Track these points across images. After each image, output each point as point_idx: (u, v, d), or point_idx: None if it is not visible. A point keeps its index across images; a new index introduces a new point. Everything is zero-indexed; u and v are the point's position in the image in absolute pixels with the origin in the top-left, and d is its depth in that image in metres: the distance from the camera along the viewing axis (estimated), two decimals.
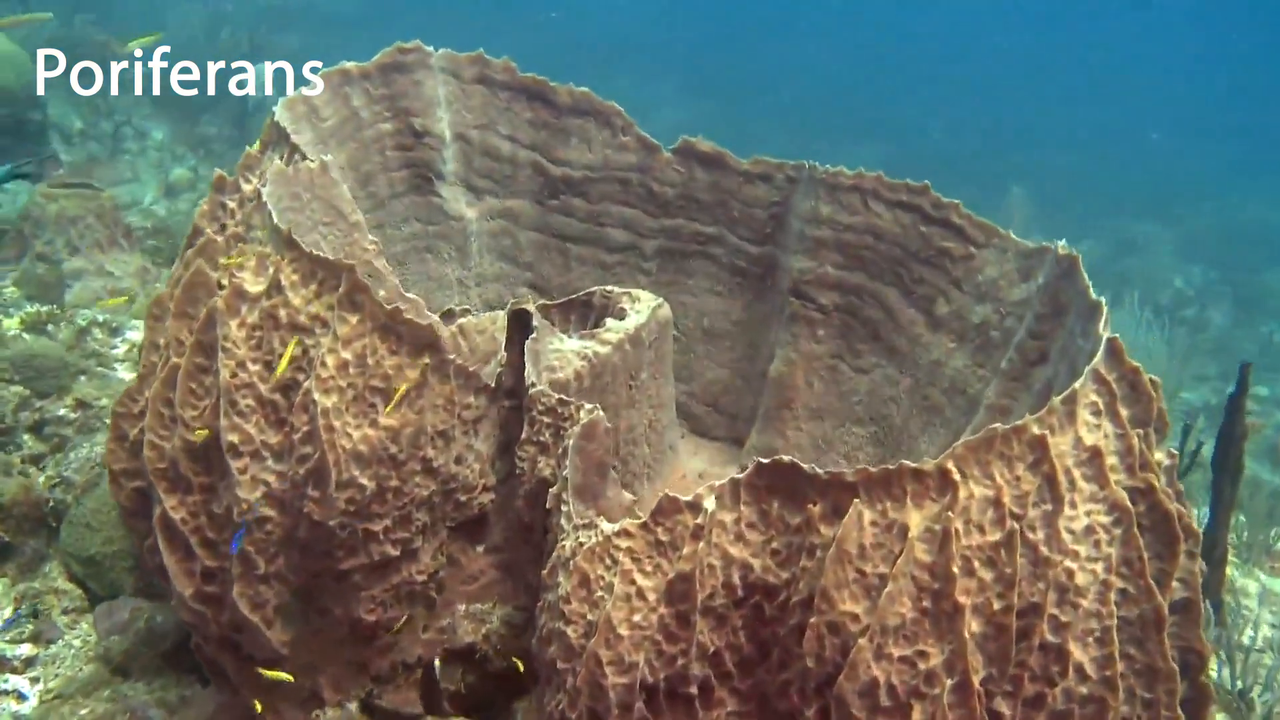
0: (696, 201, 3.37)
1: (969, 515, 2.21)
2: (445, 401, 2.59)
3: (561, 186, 3.37)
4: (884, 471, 2.20)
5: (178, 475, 2.55)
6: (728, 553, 2.30)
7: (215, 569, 2.60)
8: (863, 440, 3.20)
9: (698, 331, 3.46)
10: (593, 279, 3.43)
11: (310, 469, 2.47)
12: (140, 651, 3.13)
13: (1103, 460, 2.27)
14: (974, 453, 2.22)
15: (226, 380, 2.47)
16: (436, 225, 3.36)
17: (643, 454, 3.18)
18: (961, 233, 3.03)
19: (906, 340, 3.11)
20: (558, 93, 3.32)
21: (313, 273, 2.48)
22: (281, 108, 2.96)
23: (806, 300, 3.23)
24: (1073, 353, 2.53)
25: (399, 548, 2.61)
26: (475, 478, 2.73)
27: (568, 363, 2.94)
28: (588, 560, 2.38)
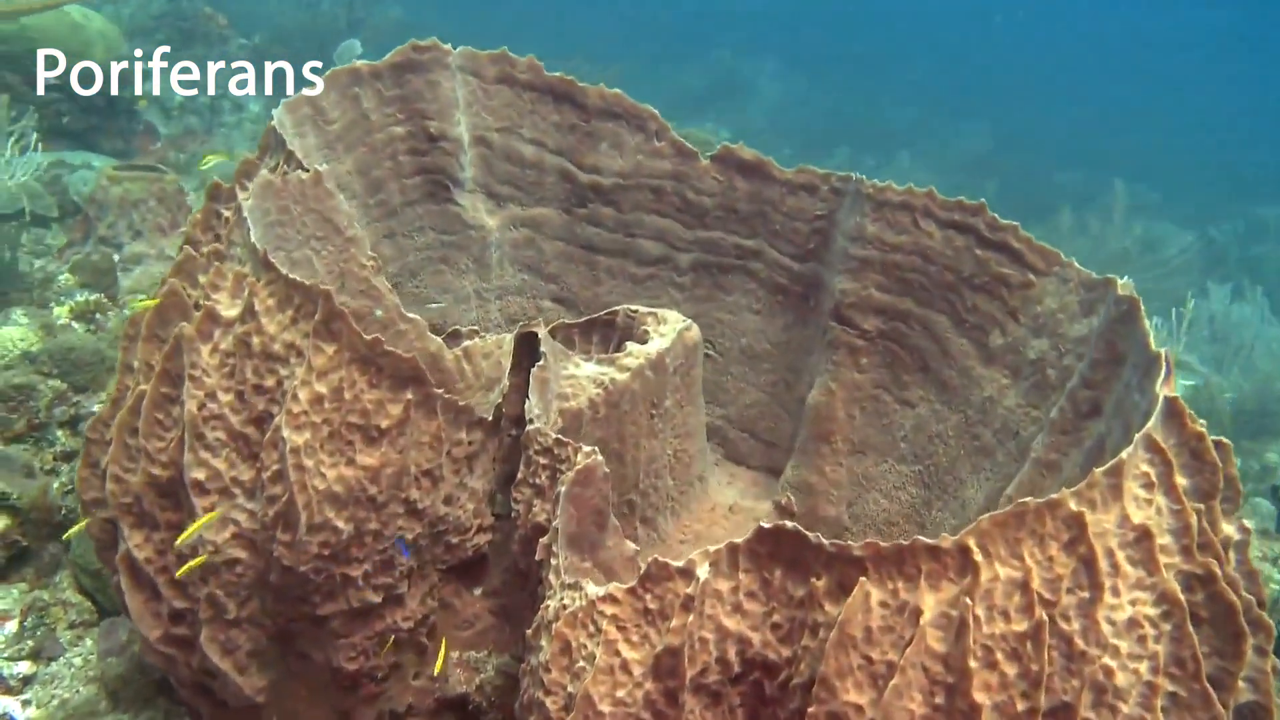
0: (735, 212, 3.11)
1: (992, 600, 1.95)
2: (431, 439, 2.38)
3: (590, 194, 3.13)
4: (895, 547, 1.94)
5: (143, 511, 2.38)
6: (723, 625, 2.07)
7: (184, 610, 2.43)
8: (906, 479, 2.93)
9: (734, 351, 3.21)
10: (622, 293, 3.19)
11: (279, 511, 2.28)
12: (134, 677, 2.99)
13: (1152, 542, 1.98)
14: (1001, 529, 1.95)
15: (193, 412, 2.29)
16: (453, 235, 3.14)
17: (666, 486, 2.95)
18: (1020, 258, 2.73)
19: (956, 373, 2.83)
20: (587, 94, 3.07)
21: (289, 297, 2.29)
22: (283, 110, 2.77)
23: (848, 325, 2.96)
24: (1128, 410, 2.24)
25: (381, 594, 2.42)
26: (469, 518, 2.52)
27: (582, 390, 2.72)
28: (569, 626, 2.17)
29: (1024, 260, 2.72)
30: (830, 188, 3.00)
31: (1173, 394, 2.09)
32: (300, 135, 2.80)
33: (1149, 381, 2.14)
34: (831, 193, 3.00)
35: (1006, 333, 2.74)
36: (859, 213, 2.89)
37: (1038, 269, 2.71)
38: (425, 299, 3.15)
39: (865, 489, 2.98)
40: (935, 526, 2.85)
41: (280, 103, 2.75)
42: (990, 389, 2.75)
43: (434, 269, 3.16)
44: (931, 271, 2.85)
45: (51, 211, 6.80)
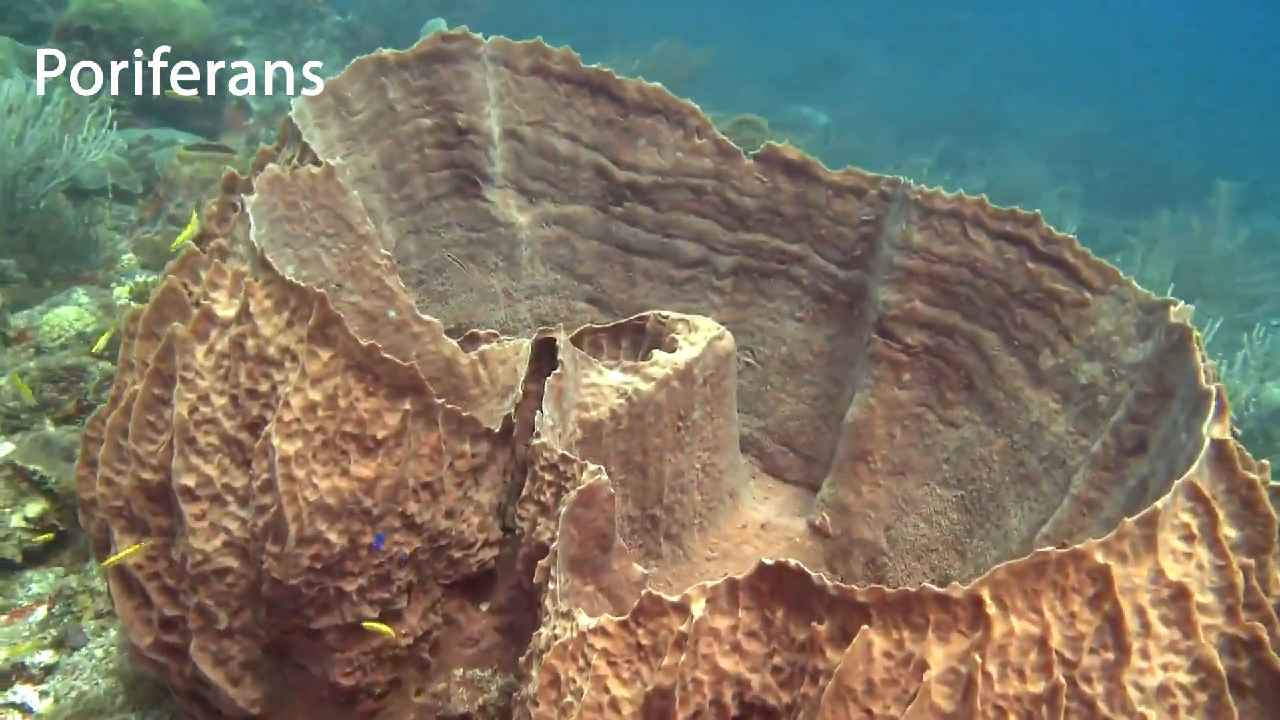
0: (779, 215, 2.95)
1: (1006, 656, 1.79)
2: (431, 451, 2.27)
3: (627, 192, 2.99)
4: (902, 595, 1.79)
5: (133, 516, 2.31)
6: (719, 666, 1.93)
7: (175, 618, 2.35)
8: (948, 504, 2.76)
9: (775, 360, 3.05)
10: (659, 296, 3.05)
11: (268, 521, 2.19)
12: (148, 675, 2.93)
13: (1189, 601, 1.80)
14: (1018, 580, 1.79)
15: (183, 416, 2.20)
16: (481, 231, 3.03)
17: (693, 502, 2.81)
18: (1075, 274, 2.54)
19: (1004, 394, 2.65)
20: (625, 87, 2.93)
21: (285, 299, 2.19)
22: (304, 100, 2.68)
23: (891, 339, 2.78)
24: (1173, 450, 2.05)
25: (377, 609, 2.32)
26: (474, 532, 2.41)
27: (604, 400, 2.60)
28: (559, 657, 2.05)
29: (1079, 276, 2.53)
30: (879, 191, 2.83)
31: (1223, 436, 1.90)
32: (322, 126, 2.70)
33: (1197, 421, 1.96)
34: (879, 197, 2.83)
35: (1058, 353, 2.55)
36: (905, 219, 2.72)
37: (1093, 286, 2.52)
38: (451, 297, 3.04)
39: (905, 512, 2.81)
40: (976, 556, 2.68)
41: (302, 93, 2.66)
42: (1038, 413, 2.57)
43: (461, 266, 3.04)
44: (980, 285, 2.67)
45: (136, 188, 6.86)
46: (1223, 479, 1.90)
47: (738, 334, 3.06)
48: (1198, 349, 2.09)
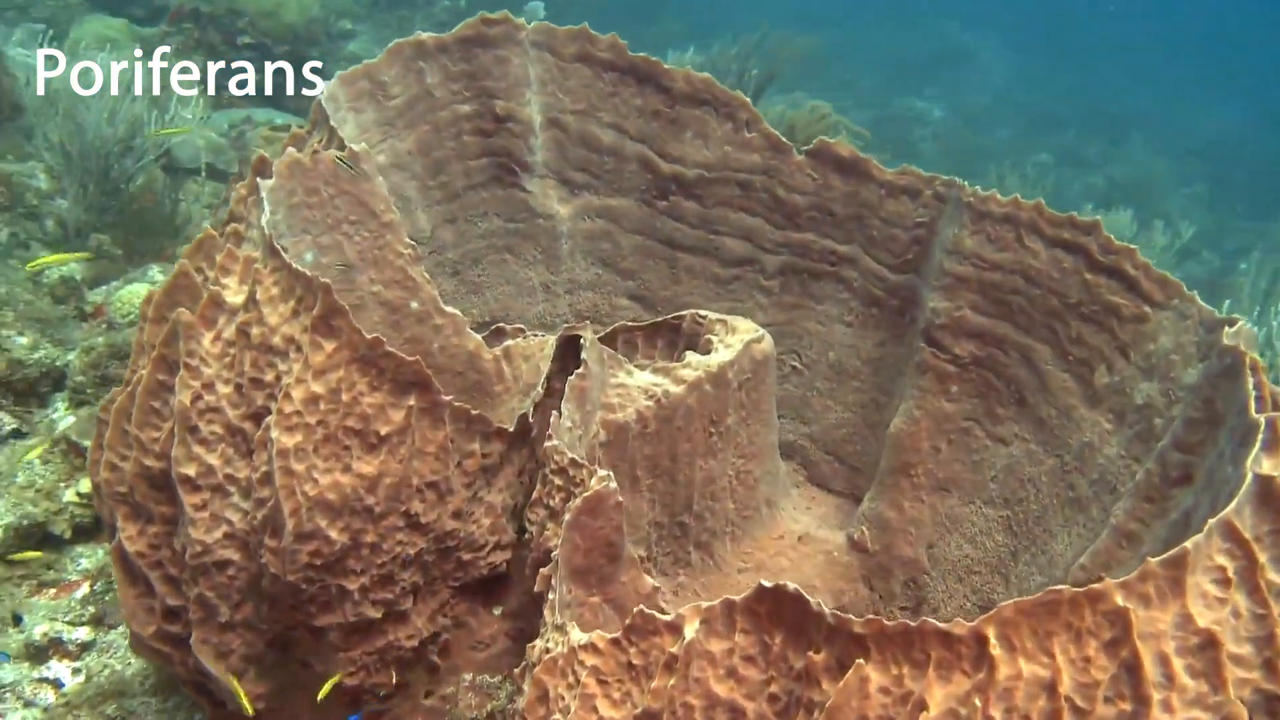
0: (831, 214, 2.82)
1: (1011, 701, 1.66)
2: (438, 449, 2.19)
3: (672, 186, 2.89)
4: (902, 628, 1.67)
5: (136, 503, 2.27)
6: (712, 691, 1.83)
7: (178, 607, 2.32)
8: (993, 525, 2.61)
9: (822, 365, 2.92)
10: (704, 294, 2.94)
11: (266, 515, 2.13)
12: None
13: (1220, 651, 1.65)
14: (1028, 619, 1.66)
15: (185, 403, 2.16)
16: (520, 222, 2.94)
17: (726, 510, 2.70)
18: (1135, 287, 2.38)
19: (1056, 411, 2.49)
20: (673, 77, 2.82)
21: (292, 288, 2.13)
22: (338, 83, 2.62)
23: (939, 349, 2.64)
24: (1218, 484, 1.89)
25: (380, 609, 2.25)
26: (484, 534, 2.33)
27: (631, 401, 2.51)
28: (548, 672, 1.96)
29: (1139, 289, 2.37)
30: (933, 192, 2.69)
31: (1271, 472, 1.74)
32: (357, 110, 2.64)
33: (1243, 453, 1.80)
34: (934, 198, 2.68)
35: (1114, 370, 2.39)
36: (958, 223, 2.57)
37: (1154, 300, 2.35)
38: (487, 289, 2.96)
39: (948, 530, 2.67)
40: (1020, 581, 2.53)
41: (336, 74, 2.60)
42: (1091, 433, 2.41)
43: (498, 258, 2.97)
44: (1034, 295, 2.51)
45: (232, 167, 6.93)
46: (1268, 519, 1.74)
47: (784, 337, 2.94)
48: (1252, 374, 1.93)
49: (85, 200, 5.67)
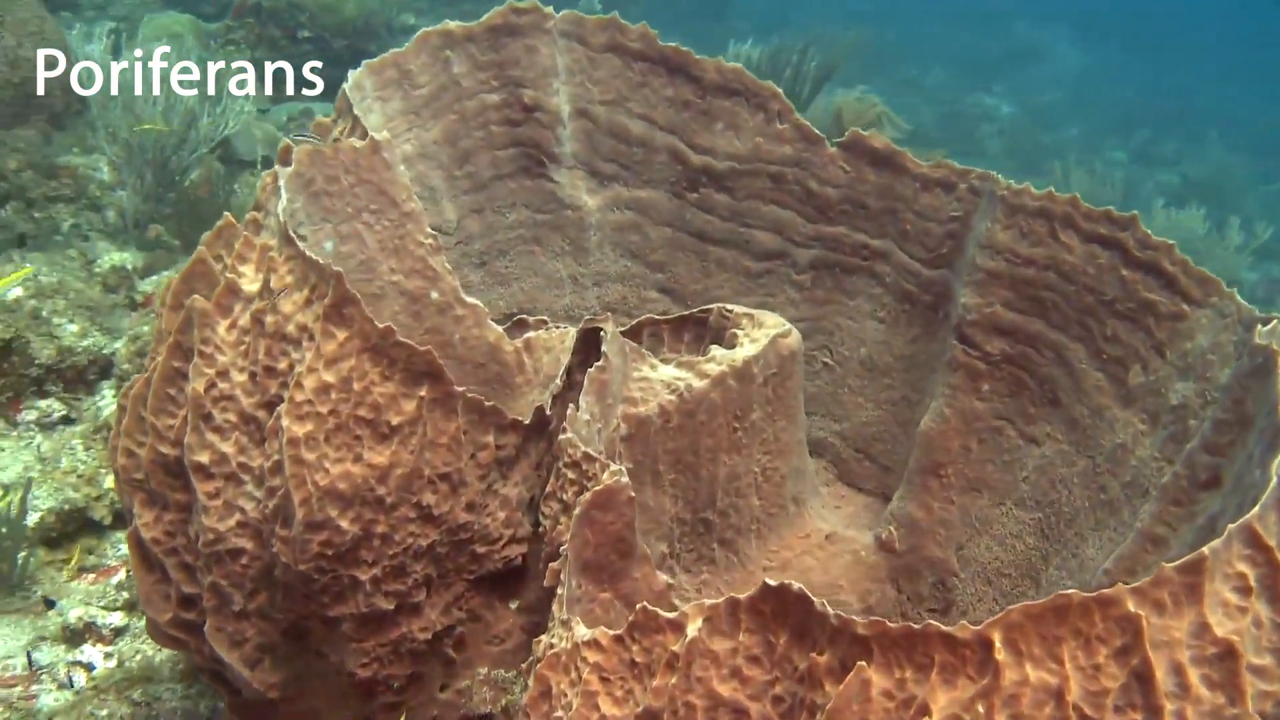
0: (864, 208, 2.76)
1: (1017, 708, 1.60)
2: (450, 441, 2.17)
3: (702, 178, 2.84)
4: (905, 630, 1.62)
5: (152, 490, 2.28)
6: (715, 691, 1.79)
7: (194, 595, 2.32)
8: (1024, 528, 2.54)
9: (853, 362, 2.87)
10: (734, 288, 2.90)
11: (277, 504, 2.12)
12: None
13: (1238, 662, 1.58)
14: (1036, 623, 1.60)
15: (198, 391, 2.16)
16: (548, 214, 2.91)
17: (751, 507, 2.66)
18: (1173, 284, 2.30)
19: (1089, 411, 2.43)
20: (703, 67, 2.78)
21: (305, 276, 2.12)
22: (364, 71, 2.61)
23: (970, 346, 2.58)
24: (1245, 487, 1.82)
25: (393, 601, 2.24)
26: (499, 528, 2.31)
27: (653, 395, 2.47)
28: (551, 668, 1.93)
29: (1177, 286, 2.30)
30: (969, 186, 2.62)
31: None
32: (383, 99, 2.63)
33: (1271, 457, 1.73)
34: (969, 192, 2.62)
35: (1149, 370, 2.32)
36: (990, 217, 2.51)
37: (1192, 298, 2.28)
38: (515, 280, 2.94)
39: (978, 532, 2.61)
40: (1051, 586, 2.46)
41: (363, 63, 2.59)
42: (1124, 434, 2.34)
43: (525, 249, 2.94)
44: (1068, 291, 2.45)
45: None
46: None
47: (816, 332, 2.89)
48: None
49: (143, 191, 5.74)
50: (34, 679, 3.03)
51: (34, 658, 3.10)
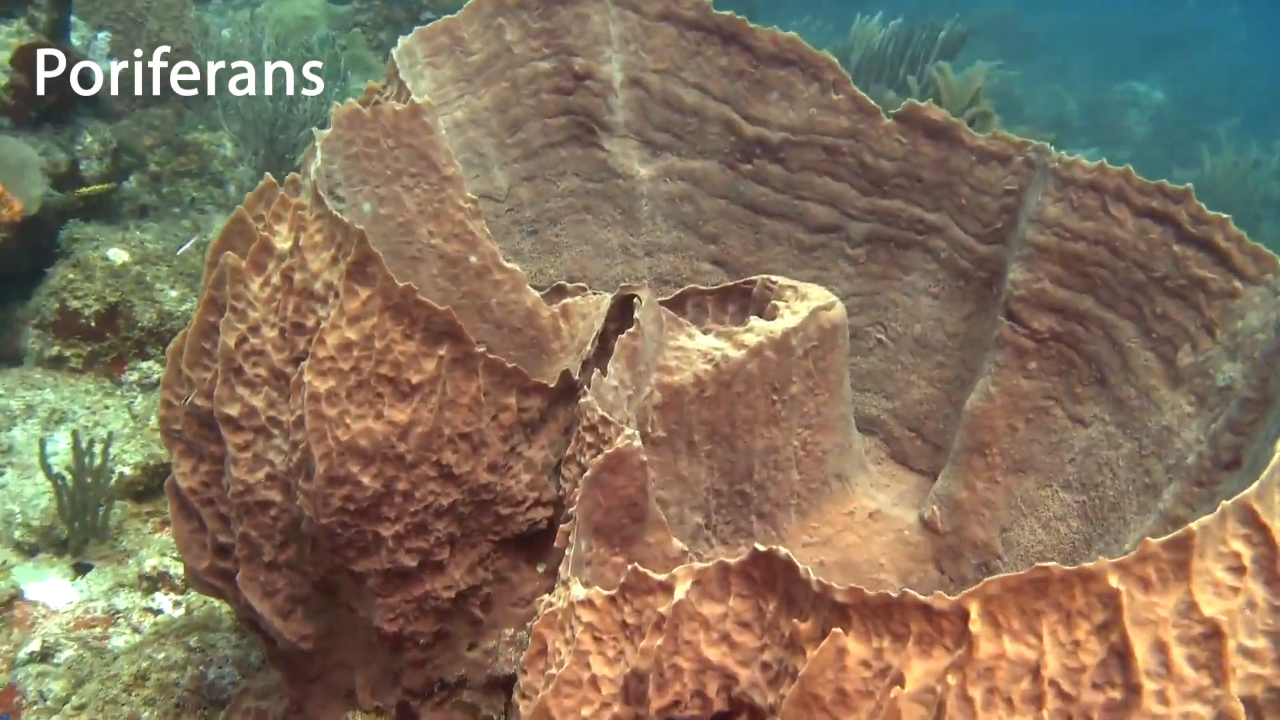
0: (919, 181, 2.70)
1: (993, 682, 1.56)
2: (470, 401, 2.19)
3: (756, 149, 2.81)
4: (883, 599, 1.60)
5: (190, 441, 2.35)
6: (703, 655, 1.79)
7: (229, 544, 2.38)
8: (1069, 510, 2.47)
9: (907, 338, 2.81)
10: (788, 261, 2.86)
11: (300, 458, 2.17)
12: None
13: (1224, 642, 1.52)
14: (1015, 596, 1.56)
15: (229, 345, 2.22)
16: (599, 183, 2.91)
17: (791, 481, 2.63)
18: (1226, 260, 2.21)
19: (1136, 392, 2.34)
20: (758, 36, 2.74)
21: (333, 235, 2.16)
22: (416, 38, 2.64)
23: (1017, 323, 2.51)
24: (1259, 467, 1.73)
25: (416, 558, 2.27)
26: (523, 490, 2.32)
27: (689, 364, 2.46)
28: (548, 626, 1.94)
29: (1231, 263, 2.20)
30: (1024, 159, 2.55)
31: None
32: (434, 65, 2.66)
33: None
34: (1025, 165, 2.55)
35: (1198, 350, 2.23)
36: (1042, 190, 2.44)
37: (1246, 274, 2.18)
38: (565, 249, 2.95)
39: (1023, 514, 2.54)
40: None
41: (414, 29, 2.63)
42: (1170, 416, 2.26)
43: (576, 217, 2.94)
44: (1119, 267, 2.36)
45: None
46: None
47: (870, 308, 2.84)
48: None
49: (258, 166, 5.91)
50: (111, 621, 3.15)
51: (113, 603, 3.24)
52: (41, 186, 4.57)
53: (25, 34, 4.92)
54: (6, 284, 4.52)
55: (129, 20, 7.00)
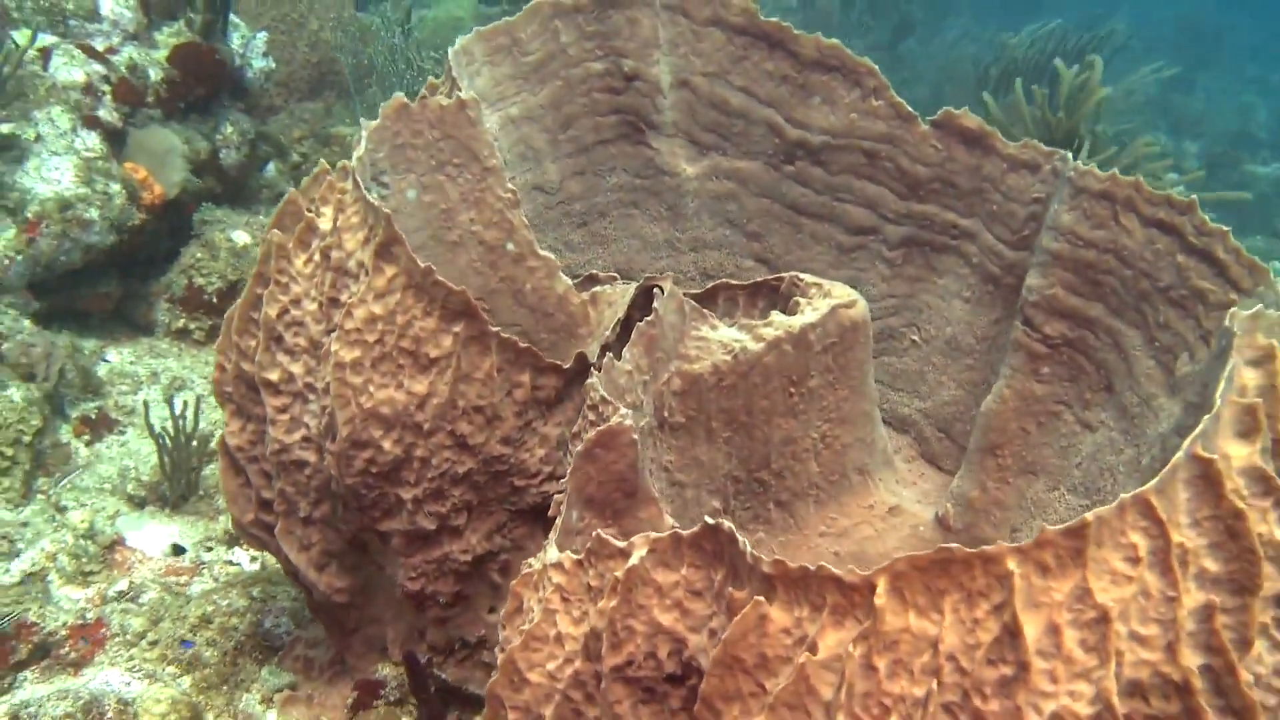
0: (953, 187, 2.77)
1: (897, 653, 1.66)
2: (484, 376, 2.36)
3: (798, 151, 2.91)
4: (802, 571, 1.71)
5: (238, 402, 2.56)
6: (655, 619, 1.92)
7: (272, 500, 2.59)
8: (1074, 513, 2.51)
9: (939, 341, 2.88)
10: (827, 261, 2.95)
11: (327, 422, 2.37)
12: None
13: (1109, 627, 1.59)
14: (921, 574, 1.66)
15: (270, 316, 2.42)
16: (646, 179, 3.04)
17: (809, 472, 2.72)
18: (1225, 271, 2.24)
19: (1138, 400, 2.38)
20: (801, 43, 2.84)
21: (366, 217, 2.35)
22: (475, 38, 2.82)
23: (1030, 327, 2.56)
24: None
25: (434, 521, 2.44)
26: (536, 463, 2.48)
27: (709, 354, 2.58)
28: (524, 585, 2.10)
29: (1228, 274, 2.23)
30: (1051, 168, 2.60)
31: (1207, 455, 1.64)
32: (492, 64, 2.84)
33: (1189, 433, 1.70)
34: (1053, 173, 2.60)
35: (1195, 358, 2.26)
36: (1059, 199, 2.49)
37: (1241, 285, 2.21)
38: (613, 242, 3.09)
39: (1032, 516, 2.59)
40: None
41: (474, 30, 2.80)
42: (1168, 423, 2.29)
43: (624, 211, 3.08)
44: (1127, 276, 2.40)
45: None
46: (1207, 504, 1.65)
47: (905, 309, 2.92)
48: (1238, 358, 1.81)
49: None
50: (196, 571, 3.42)
51: (200, 555, 3.51)
52: (182, 172, 4.92)
53: (183, 34, 5.28)
54: (147, 261, 4.88)
55: (292, 22, 7.41)
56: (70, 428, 4.06)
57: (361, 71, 7.64)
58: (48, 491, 3.73)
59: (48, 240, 4.37)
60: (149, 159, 4.89)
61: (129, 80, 4.87)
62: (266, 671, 2.89)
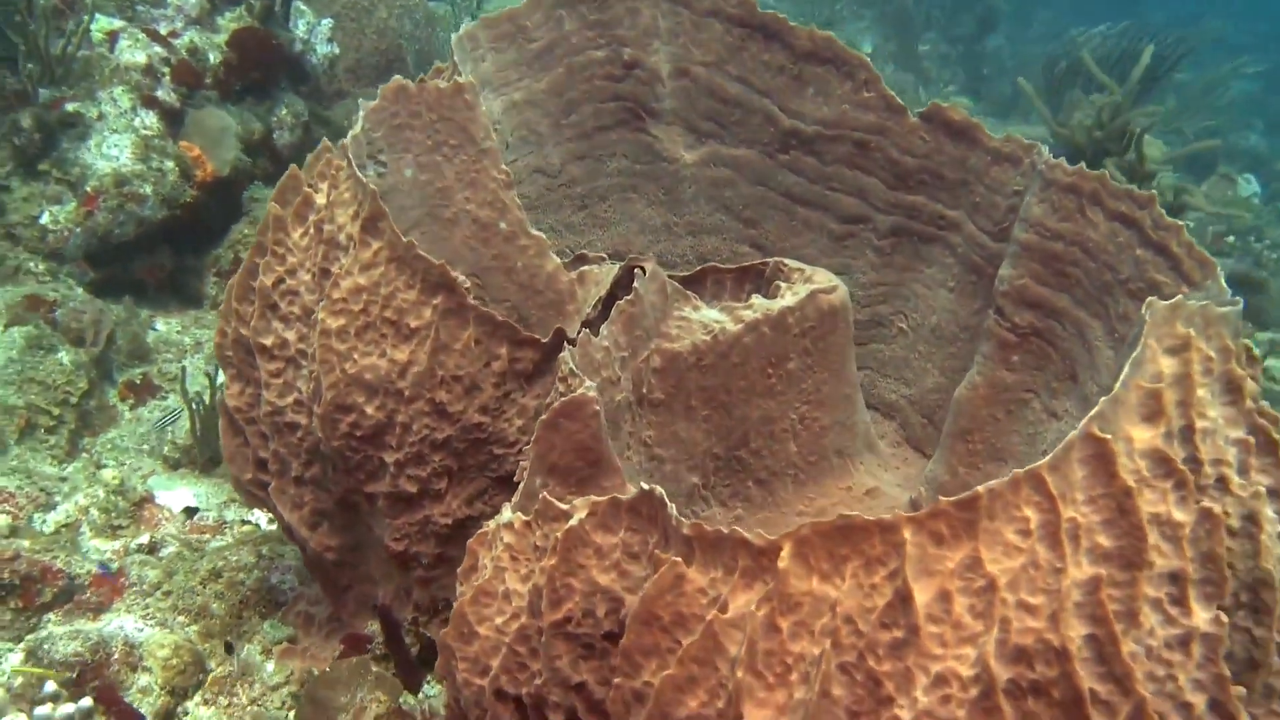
0: (940, 178, 2.83)
1: (799, 615, 1.75)
2: (463, 347, 2.47)
3: (792, 141, 2.99)
4: (715, 535, 1.81)
5: (237, 366, 2.70)
6: (593, 579, 2.02)
7: (267, 460, 2.73)
8: None
9: (925, 329, 2.94)
10: (820, 248, 3.03)
11: (314, 386, 2.50)
12: None
13: (994, 595, 1.66)
14: (824, 540, 1.74)
15: (266, 284, 2.56)
16: (645, 165, 3.14)
17: (788, 452, 2.80)
18: (1178, 266, 2.28)
19: (1098, 390, 2.42)
20: (797, 34, 2.92)
21: (356, 193, 2.48)
22: (478, 25, 2.93)
23: (1002, 316, 2.62)
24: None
25: (415, 485, 2.56)
26: (515, 433, 2.59)
27: (689, 334, 2.68)
28: (479, 543, 2.22)
29: (1181, 268, 2.27)
30: (1031, 161, 2.65)
31: (1101, 434, 1.70)
32: (497, 50, 2.95)
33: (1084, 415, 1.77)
34: (1031, 167, 2.65)
35: None
36: (1030, 191, 2.55)
37: (1192, 280, 2.25)
38: (612, 225, 3.19)
39: None
40: None
41: (479, 17, 2.92)
42: None
43: (623, 196, 3.18)
44: (1090, 268, 2.45)
45: None
46: (1101, 482, 1.71)
47: (894, 297, 2.98)
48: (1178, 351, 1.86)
49: None
50: (218, 530, 3.58)
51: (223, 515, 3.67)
52: (235, 151, 5.11)
53: (243, 19, 5.48)
54: (200, 237, 5.08)
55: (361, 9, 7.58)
56: (116, 391, 4.26)
57: (425, 59, 7.78)
58: (90, 450, 3.92)
59: (104, 214, 4.58)
60: (204, 138, 5.08)
61: (188, 62, 5.07)
62: (269, 625, 3.04)
